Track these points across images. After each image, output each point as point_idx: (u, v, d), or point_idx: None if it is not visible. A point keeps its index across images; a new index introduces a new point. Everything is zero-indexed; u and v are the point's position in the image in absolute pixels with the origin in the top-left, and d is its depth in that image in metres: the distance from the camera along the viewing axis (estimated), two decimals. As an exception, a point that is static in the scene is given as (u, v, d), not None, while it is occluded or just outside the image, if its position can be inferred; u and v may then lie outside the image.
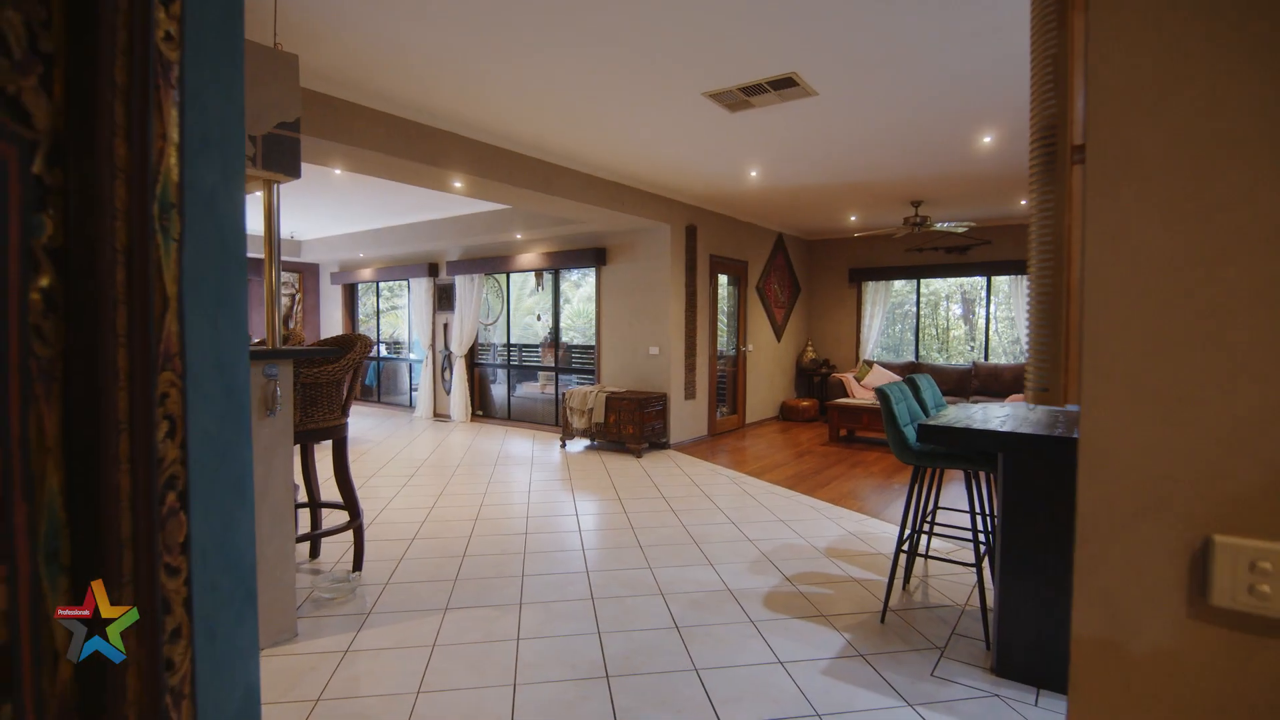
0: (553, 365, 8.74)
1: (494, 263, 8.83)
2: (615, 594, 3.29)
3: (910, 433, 3.09)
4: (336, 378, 3.32)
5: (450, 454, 6.97)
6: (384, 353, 11.40)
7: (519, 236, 8.24)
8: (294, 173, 2.77)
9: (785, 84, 3.85)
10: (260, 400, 2.68)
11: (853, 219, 8.65)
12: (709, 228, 7.86)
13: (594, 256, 7.73)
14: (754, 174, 6.12)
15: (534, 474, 6.02)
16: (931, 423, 2.37)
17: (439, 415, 9.78)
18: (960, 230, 7.52)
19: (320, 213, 8.44)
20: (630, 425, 6.76)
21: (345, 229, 9.95)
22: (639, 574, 3.56)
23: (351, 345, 3.53)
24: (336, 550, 3.83)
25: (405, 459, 6.68)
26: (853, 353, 10.03)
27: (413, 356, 10.75)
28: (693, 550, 3.94)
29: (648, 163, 5.76)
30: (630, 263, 7.55)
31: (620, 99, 4.14)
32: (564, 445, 7.35)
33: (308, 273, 11.93)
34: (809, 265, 10.46)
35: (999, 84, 3.87)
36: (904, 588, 3.35)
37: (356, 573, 3.51)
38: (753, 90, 3.95)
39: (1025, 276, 8.29)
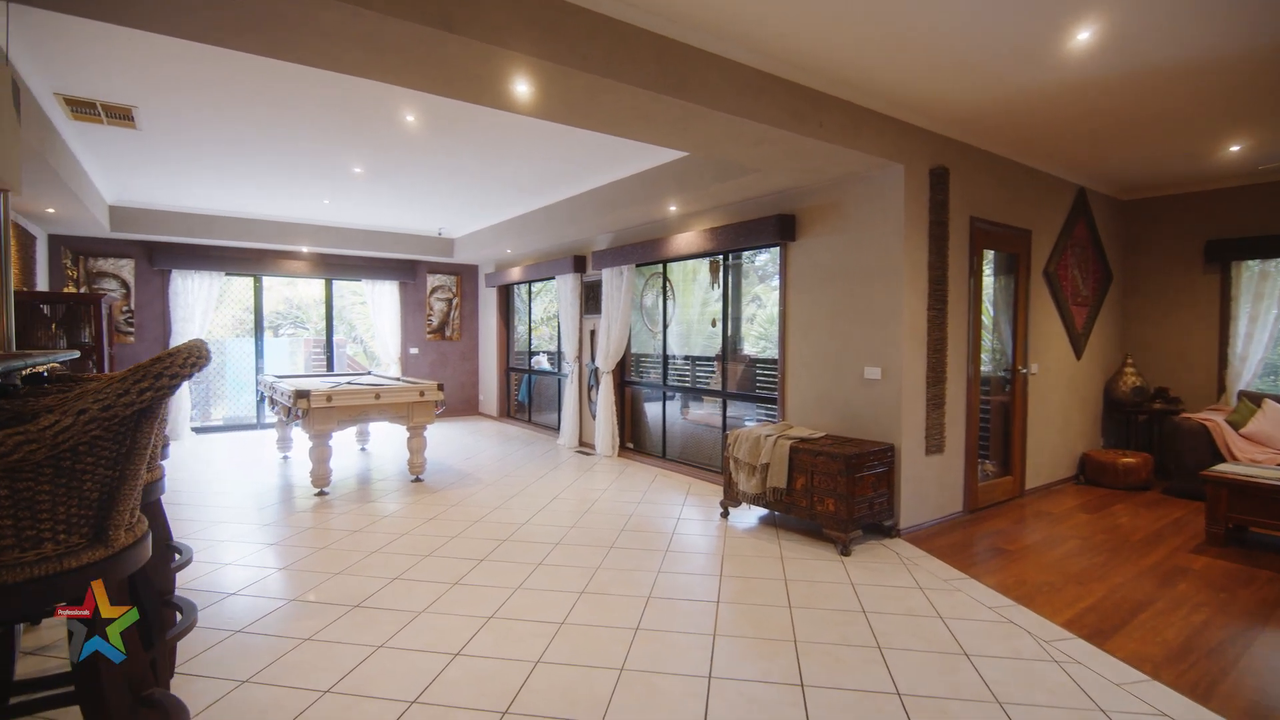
0: (720, 390, 6.27)
1: (645, 249, 6.60)
2: None
3: None
4: (52, 449, 1.25)
5: (560, 517, 4.85)
6: (545, 365, 9.79)
7: (673, 209, 5.94)
8: None
9: None
10: None
11: (1233, 149, 5.04)
12: (968, 172, 4.86)
13: (776, 228, 5.14)
14: (1084, 35, 3.15)
15: (662, 576, 3.64)
16: None
17: (583, 445, 7.83)
18: None
19: (429, 192, 6.91)
20: (830, 498, 4.09)
21: (488, 220, 8.47)
22: None
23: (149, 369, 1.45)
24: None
25: (492, 524, 4.68)
26: (1212, 378, 6.18)
27: (566, 370, 8.95)
28: None
29: (865, 35, 3.10)
30: (835, 234, 4.85)
31: None
32: (726, 514, 4.86)
33: (466, 275, 10.81)
34: (1125, 238, 6.78)
35: None
36: None
37: None
38: None
39: None
